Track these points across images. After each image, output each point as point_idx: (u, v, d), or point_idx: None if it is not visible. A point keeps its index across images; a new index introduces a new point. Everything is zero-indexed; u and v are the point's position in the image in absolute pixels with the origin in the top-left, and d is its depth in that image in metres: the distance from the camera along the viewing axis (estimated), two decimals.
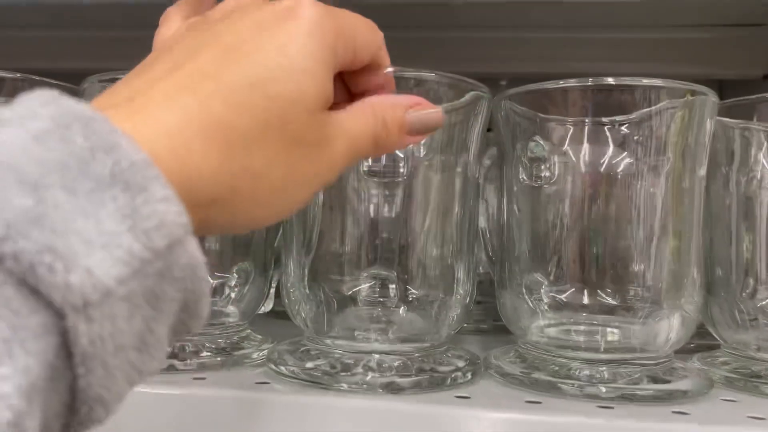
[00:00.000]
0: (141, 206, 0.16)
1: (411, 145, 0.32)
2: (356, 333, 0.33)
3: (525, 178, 0.36)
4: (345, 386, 0.31)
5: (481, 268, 0.51)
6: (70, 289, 0.14)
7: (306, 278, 0.34)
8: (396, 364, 0.32)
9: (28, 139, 0.15)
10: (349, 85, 0.26)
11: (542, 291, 0.34)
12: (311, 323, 0.34)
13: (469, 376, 0.33)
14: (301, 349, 0.34)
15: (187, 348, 0.35)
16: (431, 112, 0.26)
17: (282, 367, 0.33)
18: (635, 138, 0.33)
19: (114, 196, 0.16)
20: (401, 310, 0.33)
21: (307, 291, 0.34)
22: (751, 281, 0.38)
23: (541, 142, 0.35)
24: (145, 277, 0.16)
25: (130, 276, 0.15)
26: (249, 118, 0.20)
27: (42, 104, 0.16)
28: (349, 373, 0.31)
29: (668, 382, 0.31)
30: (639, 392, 0.30)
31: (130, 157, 0.16)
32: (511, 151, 0.36)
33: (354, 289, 0.33)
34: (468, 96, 0.34)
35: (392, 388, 0.31)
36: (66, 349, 0.15)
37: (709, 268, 0.40)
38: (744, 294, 0.38)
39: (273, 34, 0.21)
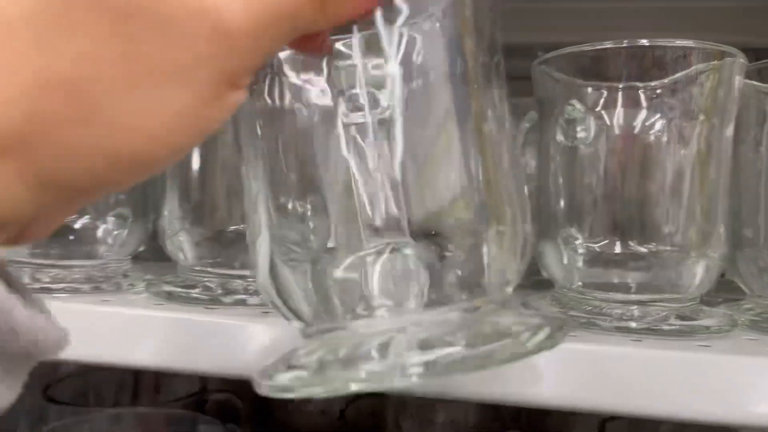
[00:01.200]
0: None
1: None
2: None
3: (562, 138, 0.39)
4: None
5: None
6: None
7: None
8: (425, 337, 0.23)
9: None
10: None
11: (577, 243, 0.37)
12: (313, 307, 0.24)
13: (542, 334, 0.23)
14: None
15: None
16: None
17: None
18: (667, 100, 0.35)
19: None
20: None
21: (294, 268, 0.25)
22: None
23: (578, 105, 0.38)
24: None
25: None
26: None
27: None
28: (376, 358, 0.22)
29: (693, 320, 0.34)
30: (665, 327, 0.33)
31: None
32: (548, 113, 0.39)
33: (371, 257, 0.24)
34: None
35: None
36: None
37: (737, 228, 0.42)
38: None
39: None
